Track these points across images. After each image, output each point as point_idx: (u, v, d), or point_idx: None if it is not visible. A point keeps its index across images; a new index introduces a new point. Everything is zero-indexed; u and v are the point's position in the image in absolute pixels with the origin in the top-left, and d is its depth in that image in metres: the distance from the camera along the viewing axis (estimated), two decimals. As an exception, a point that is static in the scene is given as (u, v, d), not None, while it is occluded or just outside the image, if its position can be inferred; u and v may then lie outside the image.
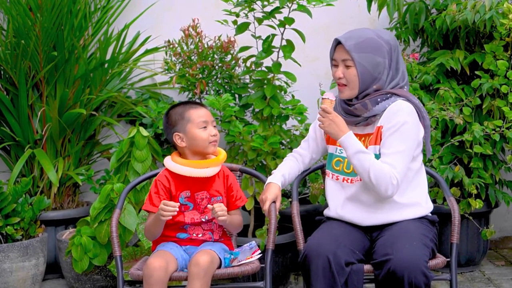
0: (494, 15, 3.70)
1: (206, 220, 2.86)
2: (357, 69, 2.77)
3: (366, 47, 2.76)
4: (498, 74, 3.81)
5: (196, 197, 2.84)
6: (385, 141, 2.75)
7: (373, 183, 2.70)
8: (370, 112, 2.79)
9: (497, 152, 3.96)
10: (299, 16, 3.82)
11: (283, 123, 3.92)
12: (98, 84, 4.19)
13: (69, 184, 4.26)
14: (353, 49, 2.76)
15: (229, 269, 2.78)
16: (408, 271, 2.54)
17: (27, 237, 3.77)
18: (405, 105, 2.78)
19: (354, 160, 2.71)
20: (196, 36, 4.01)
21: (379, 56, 2.77)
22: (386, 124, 2.76)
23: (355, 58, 2.76)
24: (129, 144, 3.65)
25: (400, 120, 2.74)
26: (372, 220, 2.82)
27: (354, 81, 2.79)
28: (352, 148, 2.71)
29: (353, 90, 2.81)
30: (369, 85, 2.79)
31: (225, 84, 4.06)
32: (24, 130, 4.15)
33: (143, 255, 3.55)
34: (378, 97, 2.79)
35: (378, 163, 2.70)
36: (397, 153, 2.72)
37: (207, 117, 2.83)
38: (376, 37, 2.78)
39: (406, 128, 2.74)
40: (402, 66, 2.86)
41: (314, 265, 2.65)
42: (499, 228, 4.58)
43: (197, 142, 2.82)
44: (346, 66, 2.80)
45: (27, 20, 3.96)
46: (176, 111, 2.85)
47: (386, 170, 2.69)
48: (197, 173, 2.80)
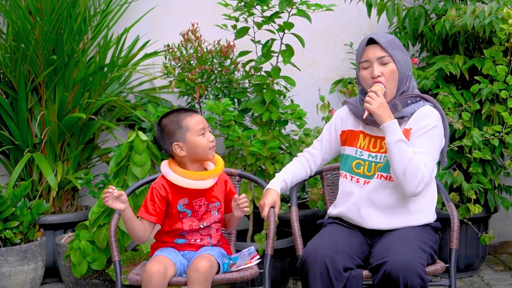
0: (494, 20, 3.70)
1: (204, 226, 2.85)
2: (396, 64, 2.78)
3: (397, 44, 2.82)
4: (497, 79, 3.81)
5: (194, 204, 2.83)
6: (414, 141, 2.75)
7: (406, 176, 2.68)
8: (399, 113, 2.79)
9: (496, 157, 3.96)
10: (298, 20, 3.83)
11: (282, 127, 3.92)
12: (97, 88, 4.19)
13: (68, 188, 4.26)
14: (388, 45, 2.77)
15: (228, 275, 2.77)
16: (404, 272, 2.54)
17: (26, 241, 3.77)
18: (434, 111, 2.81)
19: (394, 148, 2.67)
20: (196, 40, 4.01)
21: (406, 55, 2.83)
22: (415, 126, 2.77)
23: (392, 54, 2.77)
24: (128, 148, 3.64)
25: (430, 122, 2.77)
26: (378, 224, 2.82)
27: (393, 76, 2.79)
28: (396, 135, 2.68)
29: (392, 89, 2.81)
30: (403, 81, 2.81)
31: (224, 89, 4.06)
32: (23, 134, 4.15)
33: (141, 259, 3.55)
34: (408, 99, 2.81)
35: (416, 157, 2.69)
36: (427, 153, 2.73)
37: (203, 124, 2.81)
38: (397, 39, 2.86)
39: (435, 132, 2.77)
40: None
41: (312, 270, 2.65)
42: (498, 233, 4.58)
43: (197, 149, 2.79)
44: (383, 63, 2.79)
45: (26, 24, 3.97)
46: (171, 120, 2.80)
47: (421, 167, 2.69)
48: (195, 185, 2.78)
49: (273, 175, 3.36)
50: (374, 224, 2.82)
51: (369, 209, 2.83)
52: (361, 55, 2.82)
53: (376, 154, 2.84)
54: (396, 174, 2.70)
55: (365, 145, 2.87)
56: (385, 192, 2.80)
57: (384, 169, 2.80)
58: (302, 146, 3.75)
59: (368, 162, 2.84)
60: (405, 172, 2.67)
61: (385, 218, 2.81)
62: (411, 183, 2.69)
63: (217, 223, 2.88)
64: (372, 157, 2.84)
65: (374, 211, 2.82)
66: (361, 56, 2.82)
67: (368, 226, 2.84)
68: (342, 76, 4.53)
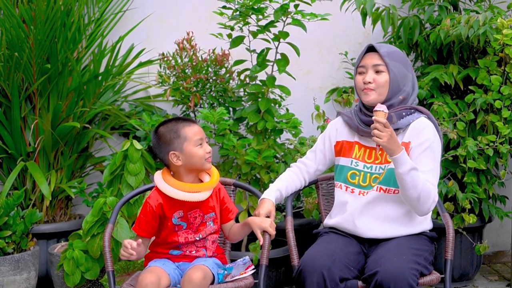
0: (488, 30, 3.71)
1: (200, 238, 2.83)
2: (390, 75, 2.80)
3: (397, 57, 2.84)
4: (491, 89, 3.82)
5: (189, 216, 2.80)
6: (417, 157, 2.75)
7: (420, 201, 2.69)
8: (394, 125, 2.79)
9: (490, 167, 3.97)
10: (293, 30, 3.83)
11: (277, 136, 3.91)
12: (91, 96, 4.18)
13: (61, 197, 4.24)
14: (386, 55, 2.80)
15: (223, 285, 2.76)
16: (395, 283, 2.54)
17: (19, 250, 3.74)
18: (430, 124, 2.82)
19: (407, 177, 2.66)
20: (191, 49, 4.01)
21: (406, 69, 2.84)
22: (415, 141, 2.78)
23: (388, 64, 2.80)
24: (123, 157, 3.63)
25: (430, 137, 2.78)
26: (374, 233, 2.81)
27: (383, 86, 2.81)
28: (407, 165, 2.66)
29: (381, 95, 2.82)
30: (395, 93, 2.82)
31: (219, 98, 4.06)
32: (17, 143, 4.13)
33: (135, 269, 3.52)
34: (402, 111, 2.82)
35: (426, 180, 2.70)
36: (431, 171, 2.75)
37: (202, 134, 2.79)
38: (402, 52, 2.89)
39: (435, 146, 2.79)
40: (416, 83, 2.93)
41: (309, 280, 2.65)
42: (492, 243, 4.58)
43: (194, 160, 2.75)
44: (377, 71, 2.82)
45: (20, 33, 3.95)
46: (169, 129, 2.76)
47: (431, 189, 2.71)
48: (190, 197, 2.74)
49: (268, 184, 3.35)
50: (370, 234, 2.82)
51: (365, 219, 2.83)
52: (360, 61, 2.87)
53: (371, 165, 2.84)
54: (410, 200, 2.72)
55: (360, 156, 2.88)
56: (383, 204, 2.80)
57: (383, 182, 2.81)
58: (297, 155, 3.74)
59: (363, 172, 2.85)
60: (419, 197, 2.69)
61: (381, 227, 2.81)
62: (424, 206, 2.72)
63: (213, 234, 2.86)
64: (367, 168, 2.85)
65: (369, 221, 2.82)
66: (359, 62, 2.87)
67: (364, 235, 2.83)
68: (337, 85, 4.53)
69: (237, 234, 2.93)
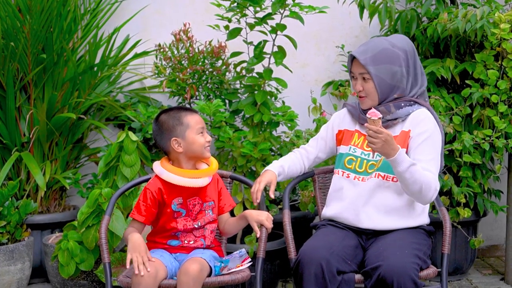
0: (485, 25, 3.71)
1: (199, 226, 2.84)
2: (374, 81, 2.81)
3: (382, 58, 2.81)
4: (488, 84, 3.82)
5: (188, 204, 2.82)
6: (418, 147, 2.78)
7: (422, 192, 2.71)
8: (392, 114, 2.83)
9: (486, 161, 3.97)
10: (290, 22, 3.82)
11: (274, 129, 3.91)
12: (86, 87, 4.16)
13: (56, 188, 4.22)
14: (369, 62, 2.80)
15: (219, 277, 2.76)
16: (398, 277, 2.54)
17: (13, 241, 3.73)
18: (430, 115, 2.84)
19: (406, 174, 2.67)
20: (187, 40, 3.99)
21: (395, 66, 2.81)
22: (415, 129, 2.80)
23: (371, 71, 2.80)
24: (118, 148, 3.61)
25: (430, 127, 2.80)
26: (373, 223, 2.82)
27: (373, 93, 2.84)
28: (405, 163, 2.67)
29: (374, 101, 2.86)
30: (388, 94, 2.84)
31: (215, 90, 4.04)
32: (11, 133, 4.11)
33: (130, 260, 3.52)
34: (401, 102, 2.84)
35: (425, 172, 2.71)
36: (431, 160, 2.77)
37: (203, 123, 2.84)
38: (390, 47, 2.83)
39: (436, 137, 2.81)
40: (420, 70, 2.91)
41: (307, 271, 2.65)
42: (487, 237, 4.60)
43: (194, 147, 2.79)
44: (364, 78, 2.84)
45: (16, 22, 3.93)
46: (172, 116, 2.80)
47: (432, 178, 2.72)
48: (190, 183, 2.77)
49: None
50: (370, 224, 2.83)
51: (365, 208, 2.84)
52: (350, 67, 2.90)
53: (369, 153, 2.87)
54: (412, 193, 2.73)
55: (359, 143, 2.92)
56: (383, 192, 2.81)
57: (382, 168, 2.83)
58: (293, 148, 3.73)
59: (360, 158, 2.88)
60: (421, 190, 2.70)
61: (381, 218, 2.82)
62: (426, 197, 2.73)
63: (212, 223, 2.87)
64: (365, 155, 2.88)
65: (371, 211, 2.83)
66: (350, 68, 2.90)
67: (364, 226, 2.84)
68: (333, 78, 4.52)
69: (232, 227, 2.94)
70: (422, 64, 4.00)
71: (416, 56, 2.89)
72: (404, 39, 2.91)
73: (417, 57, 2.89)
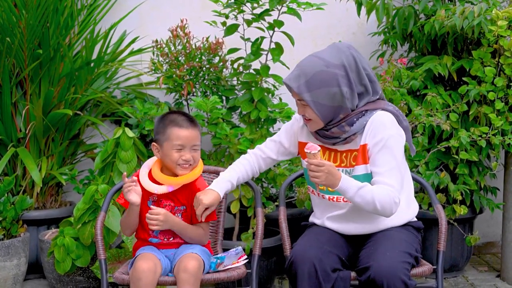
0: (483, 22, 3.70)
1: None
2: (313, 108, 2.65)
3: (317, 82, 2.62)
4: (485, 81, 3.82)
5: (161, 203, 2.81)
6: (374, 158, 2.66)
7: (380, 211, 2.62)
8: (348, 132, 2.69)
9: (482, 158, 3.97)
10: (287, 19, 3.81)
11: (271, 126, 3.90)
12: (83, 83, 4.15)
13: (52, 184, 4.21)
14: (303, 90, 2.63)
15: (215, 274, 2.76)
16: (387, 278, 2.53)
17: (9, 236, 3.72)
18: (385, 117, 2.69)
19: (356, 199, 2.59)
20: (184, 36, 3.98)
21: (333, 87, 2.62)
22: (371, 141, 2.67)
23: (306, 99, 2.63)
24: (114, 144, 3.61)
25: (384, 135, 2.65)
26: (359, 229, 2.81)
27: (315, 117, 2.68)
28: (352, 189, 2.59)
29: (318, 124, 2.70)
30: (332, 116, 2.68)
31: (212, 86, 4.03)
32: (7, 129, 4.10)
33: (126, 257, 3.52)
34: (354, 117, 2.68)
35: (377, 189, 2.61)
36: (390, 170, 2.64)
37: (186, 141, 2.74)
38: (325, 68, 2.62)
39: (392, 142, 2.66)
40: (369, 78, 2.71)
41: (300, 270, 2.64)
42: (483, 234, 4.60)
43: (167, 160, 2.77)
44: (303, 105, 2.69)
45: (12, 17, 3.91)
46: (162, 121, 2.79)
47: (387, 192, 2.61)
48: (147, 186, 2.77)
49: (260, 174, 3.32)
50: (357, 231, 2.82)
51: (349, 224, 2.80)
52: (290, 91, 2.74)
53: (337, 169, 2.70)
54: (370, 212, 2.66)
55: (325, 159, 2.78)
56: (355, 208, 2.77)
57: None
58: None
59: None
60: (377, 208, 2.61)
61: (366, 226, 2.80)
62: (386, 212, 2.64)
63: None
64: None
65: (354, 225, 2.80)
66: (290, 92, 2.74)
67: (351, 233, 2.83)
68: (330, 75, 4.51)
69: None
70: (419, 61, 4.04)
71: (359, 65, 2.66)
72: (342, 51, 2.66)
73: (361, 67, 2.66)
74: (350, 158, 2.73)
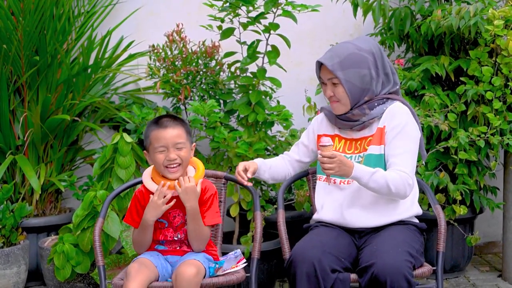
0: (479, 21, 3.70)
1: (178, 238, 2.81)
2: (344, 86, 2.80)
3: (349, 62, 2.80)
4: (483, 81, 3.81)
5: (169, 215, 2.79)
6: (390, 142, 2.79)
7: (394, 193, 2.73)
8: (368, 116, 2.84)
9: (481, 158, 3.96)
10: (283, 21, 3.81)
11: (268, 129, 3.90)
12: (81, 89, 4.15)
13: (51, 191, 4.21)
14: (336, 68, 2.80)
15: (214, 279, 2.74)
16: (391, 276, 2.54)
17: (8, 244, 3.72)
18: (404, 107, 2.86)
19: (370, 184, 2.71)
20: (180, 41, 3.98)
21: (364, 69, 2.81)
22: (389, 124, 2.81)
23: (340, 77, 2.79)
24: (113, 150, 3.61)
25: (402, 121, 2.80)
26: (369, 222, 2.83)
27: (344, 97, 2.83)
28: (366, 175, 2.70)
29: (346, 105, 2.85)
30: (359, 98, 2.84)
31: (209, 90, 4.03)
32: (6, 136, 4.10)
33: (126, 263, 3.51)
34: (375, 101, 2.85)
35: (390, 172, 2.73)
36: (404, 153, 2.77)
37: (166, 141, 2.68)
38: (357, 51, 2.81)
39: (409, 129, 2.81)
40: (390, 69, 2.90)
41: (299, 271, 2.65)
42: (484, 234, 4.59)
43: (156, 165, 2.75)
44: (333, 84, 2.84)
45: (8, 24, 3.91)
46: (148, 127, 2.75)
47: (399, 175, 2.72)
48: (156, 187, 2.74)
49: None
50: (359, 224, 2.83)
51: (352, 210, 2.85)
52: (318, 73, 2.90)
53: (351, 155, 2.87)
54: (385, 195, 2.76)
55: (340, 147, 2.92)
56: (367, 190, 2.80)
57: None
58: (289, 148, 3.73)
59: None
60: (391, 191, 2.72)
61: (370, 216, 2.83)
62: (400, 194, 2.75)
63: None
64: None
65: (357, 211, 2.84)
66: (318, 74, 2.90)
67: (353, 226, 2.84)
68: (327, 77, 4.51)
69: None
70: (416, 62, 4.04)
71: (384, 56, 2.88)
72: (370, 41, 2.89)
73: (386, 57, 2.89)
74: (364, 144, 2.86)
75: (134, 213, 2.79)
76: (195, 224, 2.73)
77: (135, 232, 2.79)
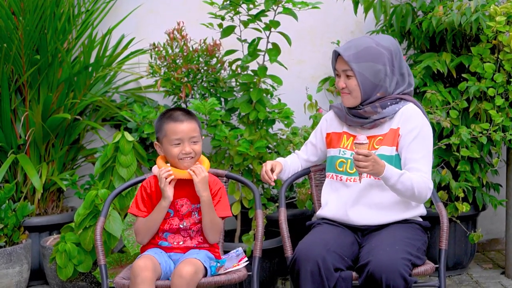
0: (481, 17, 3.69)
1: (184, 226, 2.82)
2: (357, 78, 2.81)
3: (365, 56, 2.81)
4: (485, 77, 3.80)
5: (176, 204, 2.82)
6: (409, 146, 2.80)
7: (416, 197, 2.75)
8: (379, 114, 2.84)
9: (484, 155, 3.95)
10: (284, 19, 3.80)
11: (270, 127, 3.89)
12: (82, 88, 4.14)
13: (53, 190, 4.21)
14: (352, 59, 2.80)
15: (216, 277, 2.74)
16: (386, 273, 2.54)
17: (11, 243, 3.72)
18: (418, 110, 2.86)
19: (398, 186, 2.72)
20: (181, 39, 3.97)
21: (379, 64, 2.81)
22: (404, 127, 2.81)
23: (354, 68, 2.80)
24: (114, 149, 3.61)
25: (418, 124, 2.81)
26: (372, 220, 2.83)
27: (356, 90, 2.84)
28: (395, 176, 2.71)
29: (356, 98, 2.86)
30: (371, 93, 2.84)
31: (210, 88, 4.02)
32: (7, 135, 4.09)
33: (128, 261, 3.51)
34: (387, 100, 2.85)
35: (414, 175, 2.74)
36: (423, 158, 2.79)
37: (183, 134, 2.77)
38: (375, 45, 2.83)
39: (426, 132, 2.82)
40: (407, 70, 2.91)
41: (303, 269, 2.65)
42: (486, 231, 4.58)
43: (168, 156, 2.81)
44: (347, 76, 2.84)
45: (9, 23, 3.91)
46: (160, 120, 2.83)
47: (422, 179, 2.75)
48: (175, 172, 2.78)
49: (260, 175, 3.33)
50: (362, 222, 2.83)
51: (357, 208, 2.85)
52: (334, 64, 2.92)
53: None
54: (408, 198, 2.78)
55: (348, 145, 2.92)
56: (376, 191, 2.82)
57: None
58: (290, 146, 3.73)
59: (350, 160, 2.88)
60: (414, 194, 2.74)
61: (373, 215, 2.82)
62: (421, 197, 2.78)
63: (197, 224, 2.85)
64: None
65: (362, 209, 2.84)
66: (334, 65, 2.92)
67: (356, 224, 2.83)
68: (329, 74, 4.50)
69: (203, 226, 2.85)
70: (418, 59, 4.03)
71: (402, 56, 2.89)
72: (390, 39, 2.90)
73: (403, 58, 2.90)
74: (374, 143, 2.85)
75: (141, 202, 2.82)
76: (212, 214, 2.78)
77: (142, 221, 2.81)
